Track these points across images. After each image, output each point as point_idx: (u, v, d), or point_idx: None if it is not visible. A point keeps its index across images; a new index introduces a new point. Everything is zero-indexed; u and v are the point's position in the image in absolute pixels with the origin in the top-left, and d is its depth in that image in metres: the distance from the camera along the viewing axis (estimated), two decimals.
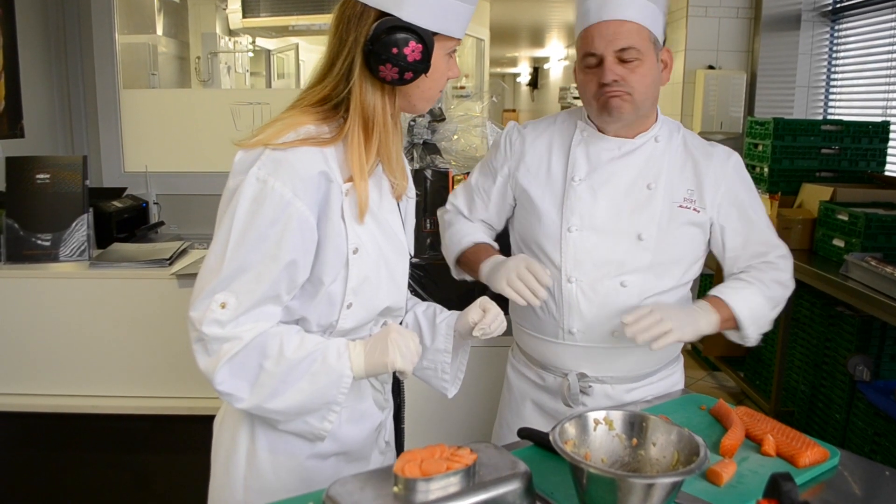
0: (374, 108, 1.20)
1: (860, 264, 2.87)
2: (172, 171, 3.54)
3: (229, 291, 1.14)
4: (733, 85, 4.32)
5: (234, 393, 1.15)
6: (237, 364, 1.15)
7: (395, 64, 1.15)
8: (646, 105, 1.52)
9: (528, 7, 7.94)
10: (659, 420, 1.14)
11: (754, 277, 1.55)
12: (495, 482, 1.01)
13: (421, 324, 1.41)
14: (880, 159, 3.76)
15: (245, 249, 1.14)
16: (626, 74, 1.47)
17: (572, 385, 1.58)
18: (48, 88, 3.44)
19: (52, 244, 2.50)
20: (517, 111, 16.88)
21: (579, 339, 1.56)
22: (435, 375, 1.41)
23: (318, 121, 1.20)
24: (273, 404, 1.17)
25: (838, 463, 1.30)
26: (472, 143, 2.71)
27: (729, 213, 1.57)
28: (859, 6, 3.97)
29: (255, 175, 1.14)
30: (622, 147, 1.56)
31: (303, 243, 1.16)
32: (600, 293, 1.54)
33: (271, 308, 1.18)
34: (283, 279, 1.16)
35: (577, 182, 1.56)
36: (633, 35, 1.46)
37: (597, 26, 1.48)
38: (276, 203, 1.13)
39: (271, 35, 5.50)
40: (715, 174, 1.57)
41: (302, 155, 1.15)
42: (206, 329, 1.14)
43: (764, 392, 3.78)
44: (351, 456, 1.33)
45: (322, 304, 1.23)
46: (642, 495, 0.98)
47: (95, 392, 2.43)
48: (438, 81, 1.24)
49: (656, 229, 1.53)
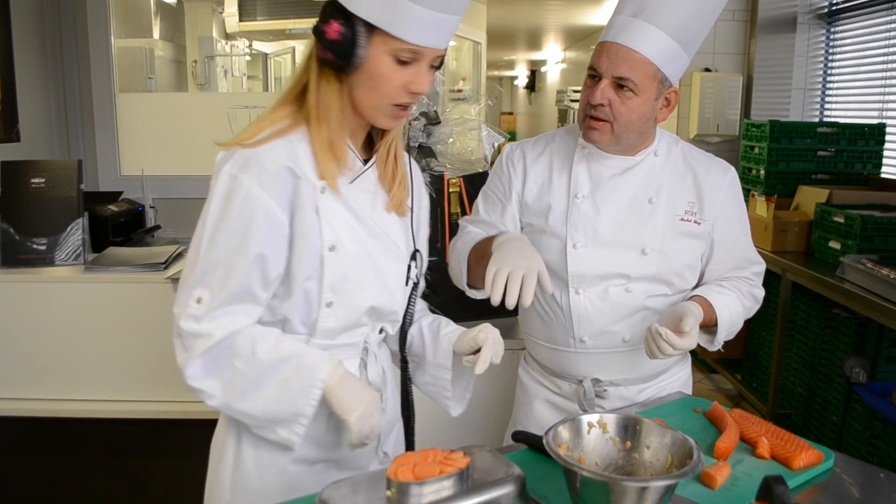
0: (320, 93, 1.20)
1: (856, 266, 2.87)
2: (169, 174, 3.53)
3: (203, 286, 1.16)
4: (729, 87, 4.33)
5: (206, 390, 1.16)
6: (209, 360, 1.15)
7: (320, 41, 1.15)
8: (628, 137, 1.52)
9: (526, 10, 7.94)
10: (653, 423, 1.14)
11: (734, 287, 1.57)
12: (489, 486, 1.01)
13: (425, 336, 1.39)
14: (876, 161, 3.77)
15: (217, 245, 1.16)
16: (615, 102, 1.46)
17: (588, 391, 1.59)
18: (44, 92, 3.44)
19: (48, 248, 2.50)
20: (514, 114, 16.90)
21: (591, 347, 1.58)
22: (437, 392, 1.38)
23: (288, 115, 1.23)
24: (242, 405, 1.17)
25: (833, 465, 1.30)
26: (468, 147, 2.70)
27: (719, 229, 1.60)
28: (855, 8, 3.98)
29: (227, 172, 1.17)
30: (623, 164, 1.57)
31: (270, 237, 1.17)
32: (608, 302, 1.55)
33: (248, 306, 1.18)
34: (254, 273, 1.17)
35: (581, 199, 1.57)
36: (637, 67, 1.44)
37: (608, 45, 1.47)
38: (243, 197, 1.15)
39: (268, 39, 5.49)
40: (713, 187, 1.59)
41: (269, 150, 1.17)
42: (183, 324, 1.15)
43: (761, 394, 3.78)
44: (342, 465, 1.32)
45: (300, 301, 1.23)
46: (636, 498, 0.98)
47: (92, 396, 2.43)
48: (379, 84, 1.17)
49: (660, 243, 1.55)
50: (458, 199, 2.40)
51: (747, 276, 1.61)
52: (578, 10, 7.84)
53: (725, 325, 1.51)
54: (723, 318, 1.49)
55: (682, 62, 1.50)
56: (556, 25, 9.49)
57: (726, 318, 1.50)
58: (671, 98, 1.53)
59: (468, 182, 2.45)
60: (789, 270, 3.35)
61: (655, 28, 1.44)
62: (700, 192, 1.58)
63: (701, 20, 1.48)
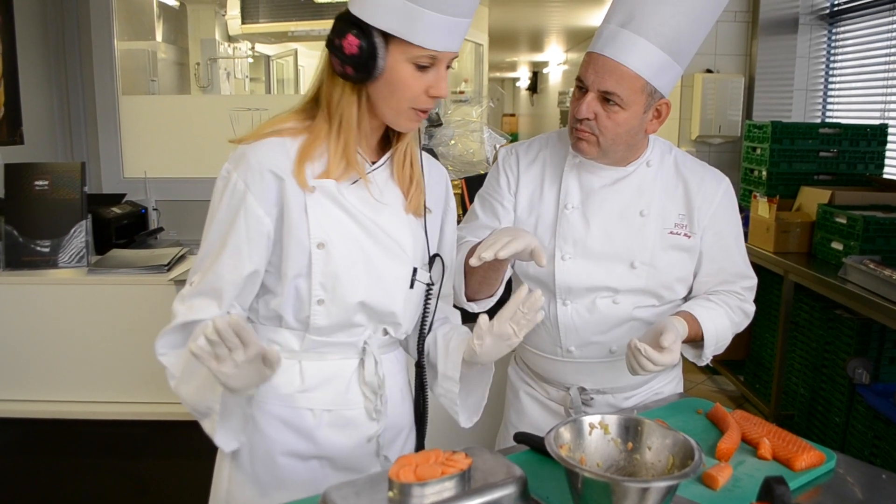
0: (337, 103, 1.22)
1: (859, 267, 2.87)
2: (172, 176, 3.54)
3: (196, 272, 1.24)
4: (731, 89, 4.32)
5: (168, 367, 1.22)
6: (171, 340, 1.21)
7: (337, 56, 1.17)
8: (616, 150, 1.49)
9: (527, 11, 7.95)
10: (654, 424, 1.14)
11: (722, 301, 1.53)
12: (490, 487, 1.01)
13: (438, 347, 1.38)
14: (878, 162, 3.77)
15: (209, 236, 1.23)
16: (601, 116, 1.42)
17: (574, 399, 1.60)
18: (47, 95, 3.45)
19: (51, 250, 2.51)
20: (517, 115, 16.89)
21: (578, 357, 1.57)
22: (448, 403, 1.37)
23: (301, 119, 1.26)
24: (182, 390, 1.21)
25: (835, 466, 1.30)
26: (469, 148, 2.71)
27: (709, 240, 1.56)
28: (857, 9, 3.98)
29: (225, 167, 1.23)
30: (614, 175, 1.54)
31: (246, 231, 1.21)
32: (595, 313, 1.54)
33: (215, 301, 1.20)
34: (225, 262, 1.20)
35: (570, 210, 1.54)
36: (624, 82, 1.39)
37: (595, 56, 1.42)
38: (230, 193, 1.21)
39: (270, 41, 5.50)
40: (704, 199, 1.54)
41: (259, 151, 1.21)
42: (175, 302, 1.23)
43: (764, 395, 3.78)
44: (337, 464, 1.31)
45: (291, 298, 1.25)
46: (637, 499, 0.98)
47: (94, 398, 2.43)
48: (400, 91, 1.18)
49: (649, 256, 1.52)
50: (459, 201, 2.41)
51: (737, 290, 1.57)
52: (580, 11, 7.85)
53: (712, 340, 1.47)
54: (709, 333, 1.46)
55: (674, 73, 1.44)
56: (557, 27, 9.49)
57: (712, 333, 1.47)
58: (662, 110, 1.48)
59: (470, 184, 2.46)
60: (791, 271, 3.35)
61: (644, 40, 1.38)
62: (690, 203, 1.54)
63: (693, 29, 1.41)
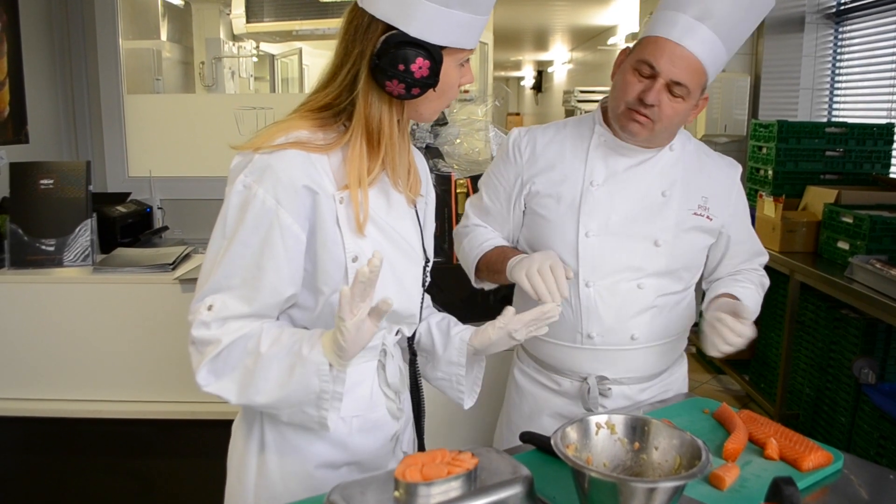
0: (379, 121, 1.19)
1: (865, 267, 2.86)
2: (176, 175, 3.55)
3: (215, 295, 1.16)
4: (737, 88, 4.31)
5: (220, 393, 1.16)
6: (219, 364, 1.15)
7: (402, 80, 1.14)
8: (663, 136, 1.53)
9: (532, 11, 7.95)
10: (661, 424, 1.14)
11: (748, 279, 1.62)
12: (496, 486, 1.00)
13: (433, 334, 1.39)
14: (885, 161, 3.75)
15: (230, 255, 1.15)
16: (664, 103, 1.44)
17: (592, 389, 1.58)
18: (52, 94, 3.45)
19: (56, 249, 2.51)
20: (521, 115, 16.89)
21: (598, 343, 1.56)
22: (450, 387, 1.39)
23: (314, 127, 1.20)
24: (259, 399, 1.16)
25: (842, 467, 1.30)
26: (474, 147, 2.71)
27: (735, 224, 1.63)
28: (863, 8, 3.97)
29: (242, 182, 1.15)
30: (640, 156, 1.56)
31: (285, 251, 1.16)
32: (618, 296, 1.54)
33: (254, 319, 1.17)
34: (265, 286, 1.16)
35: (596, 187, 1.55)
36: (694, 75, 1.43)
37: (671, 45, 1.42)
38: (258, 210, 1.14)
39: (275, 40, 5.50)
40: (724, 184, 1.62)
41: (287, 163, 1.15)
42: (195, 331, 1.16)
43: (769, 395, 3.77)
44: (364, 466, 1.30)
45: (326, 314, 1.22)
46: (644, 499, 0.98)
47: (99, 397, 2.44)
48: (449, 92, 1.23)
49: (672, 236, 1.54)
50: (465, 200, 2.40)
51: (755, 266, 1.68)
52: (585, 10, 7.84)
53: (752, 317, 1.50)
54: (751, 310, 1.51)
55: (721, 64, 1.50)
56: (562, 26, 9.49)
57: (753, 310, 1.53)
58: (701, 104, 1.53)
59: (475, 183, 2.45)
60: (797, 271, 3.34)
61: (718, 39, 1.43)
62: (713, 188, 1.59)
63: (746, 34, 1.50)
